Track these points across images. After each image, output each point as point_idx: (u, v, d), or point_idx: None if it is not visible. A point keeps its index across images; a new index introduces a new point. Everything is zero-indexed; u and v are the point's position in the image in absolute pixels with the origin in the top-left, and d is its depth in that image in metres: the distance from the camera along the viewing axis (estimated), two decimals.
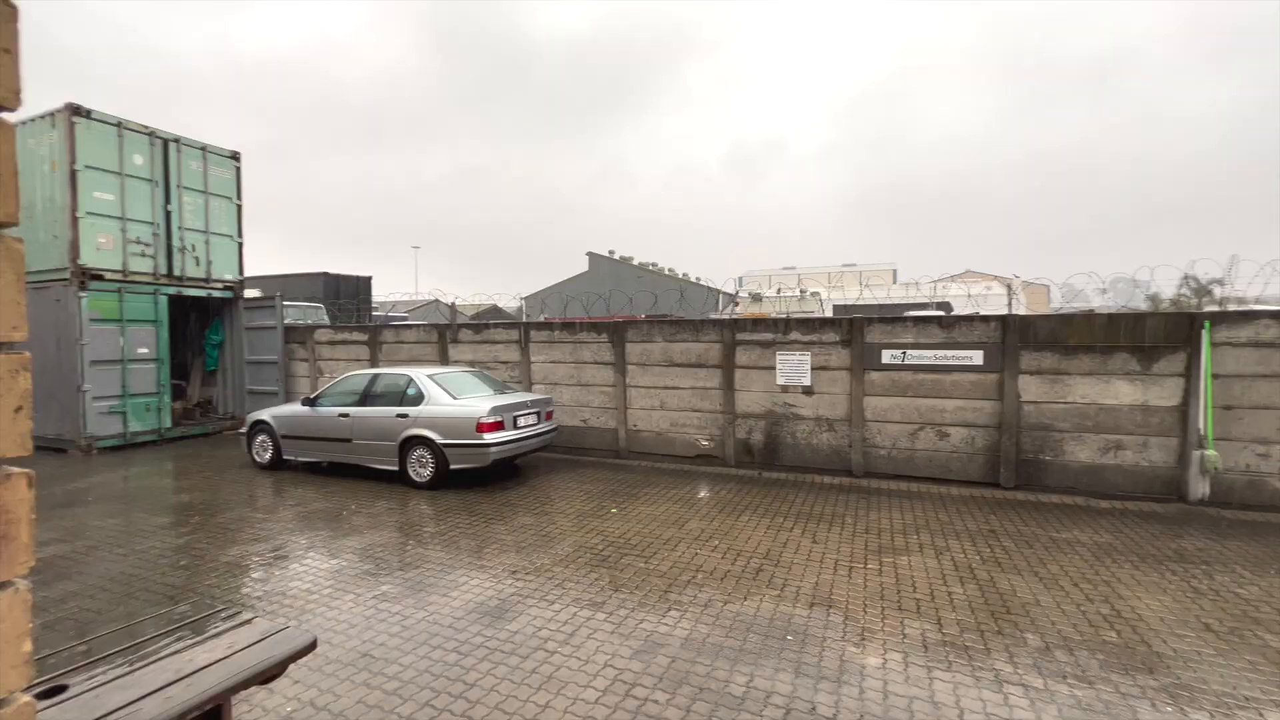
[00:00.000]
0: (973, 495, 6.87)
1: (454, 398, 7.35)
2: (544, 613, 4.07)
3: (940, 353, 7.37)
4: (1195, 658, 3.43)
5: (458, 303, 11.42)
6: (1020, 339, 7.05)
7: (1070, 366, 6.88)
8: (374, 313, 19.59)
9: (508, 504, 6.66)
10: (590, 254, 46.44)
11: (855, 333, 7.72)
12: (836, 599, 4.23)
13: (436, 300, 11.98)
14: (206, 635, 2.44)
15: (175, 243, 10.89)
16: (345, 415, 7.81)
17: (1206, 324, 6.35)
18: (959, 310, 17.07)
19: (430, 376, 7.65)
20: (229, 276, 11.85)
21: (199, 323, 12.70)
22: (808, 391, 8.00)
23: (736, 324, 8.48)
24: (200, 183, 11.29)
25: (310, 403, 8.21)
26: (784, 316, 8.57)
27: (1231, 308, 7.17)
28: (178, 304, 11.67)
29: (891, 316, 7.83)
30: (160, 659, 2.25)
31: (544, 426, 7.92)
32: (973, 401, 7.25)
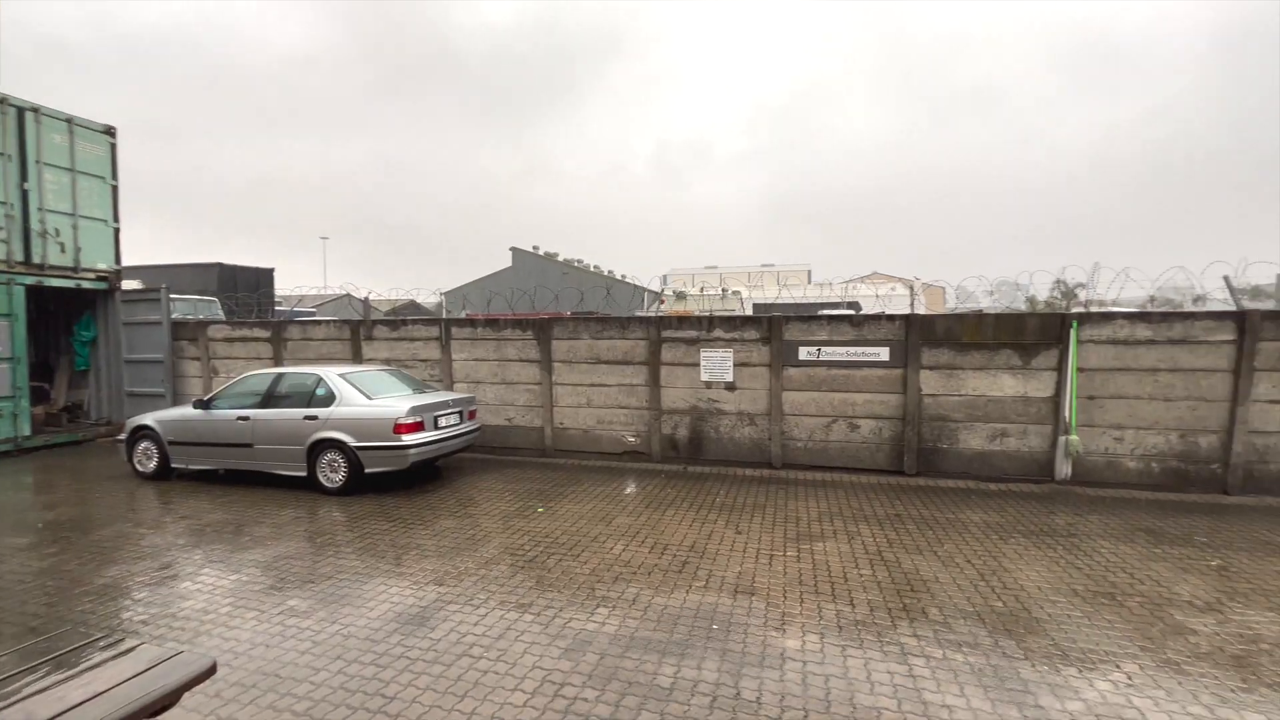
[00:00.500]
0: (880, 482, 7.36)
1: (369, 398, 6.98)
2: (469, 618, 3.96)
3: (851, 350, 7.83)
4: (1066, 620, 3.87)
5: (372, 298, 10.83)
6: (921, 337, 7.61)
7: (963, 362, 7.51)
8: (277, 307, 18.21)
9: (429, 507, 6.41)
10: (514, 249, 45.51)
11: (775, 331, 8.04)
12: (759, 586, 4.40)
13: (348, 295, 11.31)
14: (82, 667, 2.18)
15: (34, 226, 9.61)
16: (245, 418, 7.21)
17: (1074, 324, 7.14)
18: (867, 309, 18.18)
19: (342, 375, 7.22)
20: (103, 265, 10.60)
21: (67, 318, 11.28)
22: (730, 387, 8.26)
23: (662, 322, 8.60)
24: (66, 159, 10.02)
25: (204, 405, 7.52)
26: (708, 315, 8.79)
27: (1094, 309, 8.10)
28: (39, 296, 10.32)
29: (807, 315, 8.23)
30: (22, 699, 1.99)
31: (467, 426, 7.69)
32: (880, 395, 7.76)
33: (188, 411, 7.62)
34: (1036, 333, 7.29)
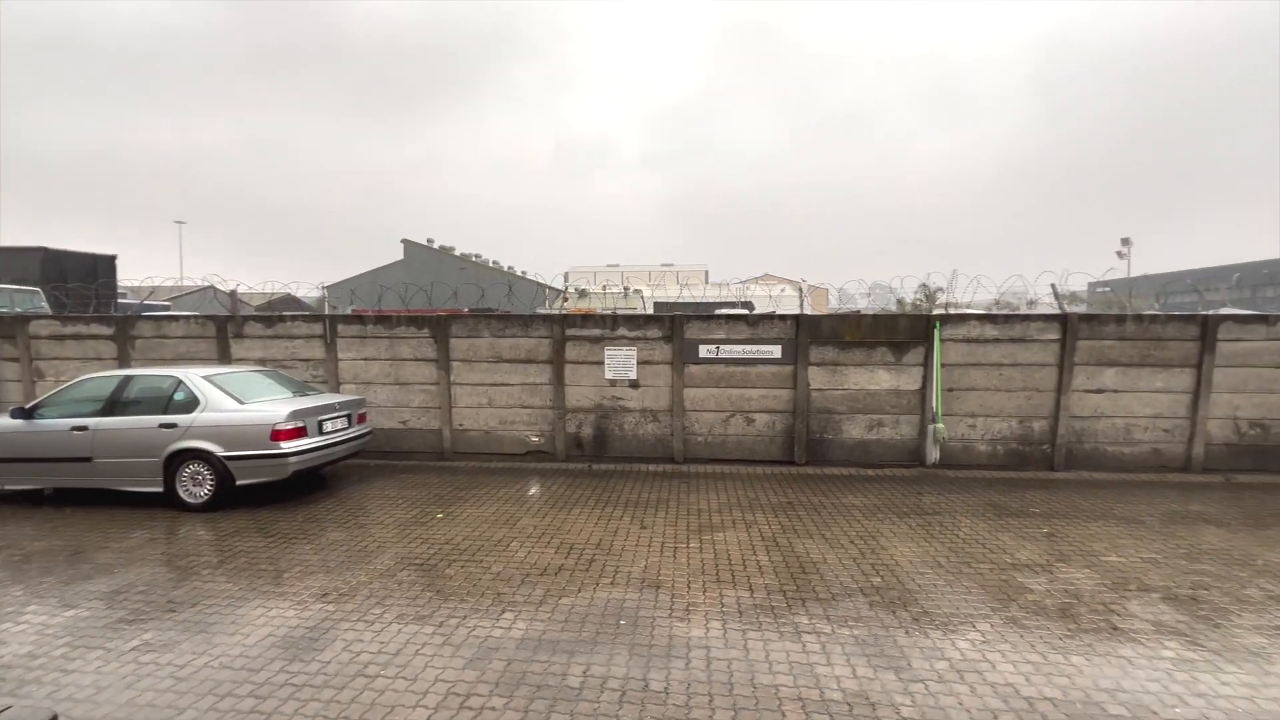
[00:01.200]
0: (774, 473, 7.81)
1: (240, 402, 6.31)
2: (363, 635, 3.72)
3: (748, 348, 8.23)
4: (932, 589, 4.34)
5: (241, 291, 9.79)
6: (809, 335, 8.17)
7: (846, 359, 8.16)
8: (121, 299, 15.91)
9: (313, 520, 5.93)
10: (406, 242, 43.07)
11: (676, 329, 8.27)
12: (664, 579, 4.52)
13: (212, 288, 10.13)
14: None
15: None
16: (83, 429, 6.25)
17: (937, 324, 7.99)
18: (761, 309, 19.18)
19: (208, 378, 6.47)
20: None
21: None
22: (634, 385, 8.38)
23: (566, 320, 8.55)
24: None
25: (25, 414, 6.42)
26: (612, 313, 8.85)
27: (953, 311, 9.12)
28: None
29: (707, 315, 8.54)
30: None
31: (356, 430, 7.19)
32: (773, 390, 8.24)
33: (4, 422, 6.48)
34: (907, 332, 8.08)
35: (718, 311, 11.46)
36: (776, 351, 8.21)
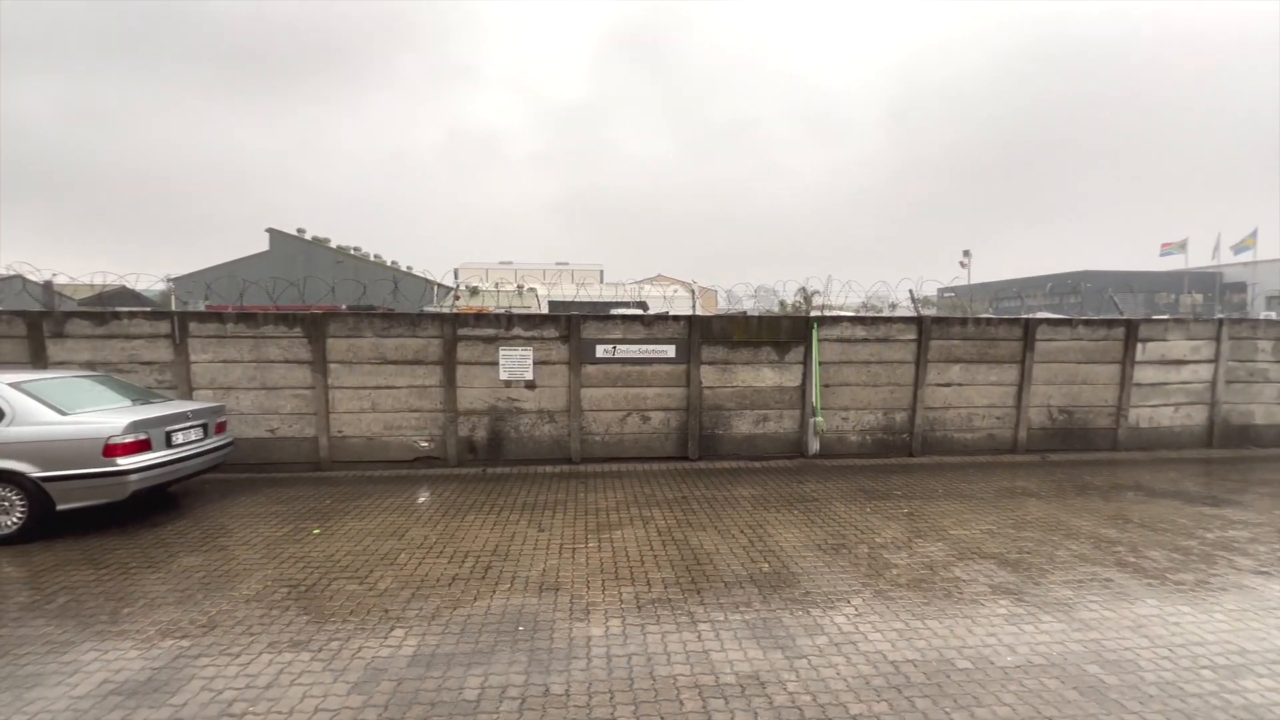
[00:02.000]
0: (669, 469, 8.04)
1: (63, 413, 5.40)
2: (226, 670, 3.34)
3: (643, 347, 8.40)
4: (813, 571, 4.70)
5: (59, 282, 8.35)
6: (702, 335, 8.50)
7: (735, 358, 8.59)
8: None
9: (161, 544, 5.22)
10: (272, 231, 39.03)
11: (573, 329, 8.24)
12: (563, 581, 4.50)
13: (19, 278, 8.55)
14: None
15: None
16: None
17: (815, 325, 8.65)
18: (655, 309, 19.60)
19: (17, 385, 5.47)
20: None
21: None
22: (530, 386, 8.24)
23: (458, 319, 8.21)
24: None
25: None
26: (506, 312, 8.63)
27: (829, 313, 9.91)
28: None
29: (604, 315, 8.60)
30: None
31: (214, 441, 6.43)
32: (668, 389, 8.47)
33: None
34: (789, 332, 8.66)
35: (614, 311, 11.56)
36: (671, 351, 8.45)
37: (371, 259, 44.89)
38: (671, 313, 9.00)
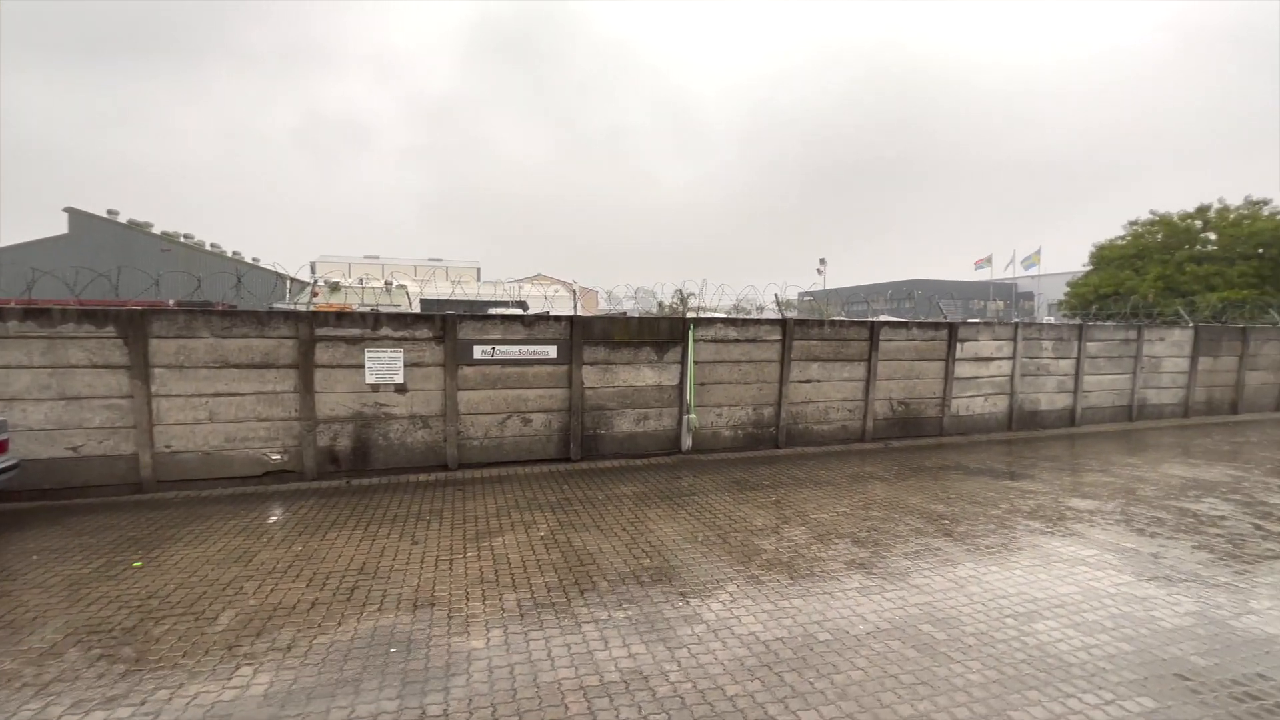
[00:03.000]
0: (551, 471, 7.97)
1: None
2: None
3: (524, 348, 8.23)
4: (691, 563, 4.91)
5: None
6: (583, 336, 8.51)
7: (616, 358, 8.71)
8: None
9: None
10: (73, 212, 32.78)
11: (449, 329, 7.86)
12: (439, 595, 4.28)
13: None
14: None
15: None
16: None
17: (692, 326, 9.02)
18: (535, 309, 19.27)
19: None
20: None
21: None
22: (401, 389, 7.73)
23: (316, 317, 7.48)
24: None
25: None
26: (373, 311, 8.02)
27: (703, 315, 10.38)
28: None
29: (482, 315, 8.30)
30: None
31: None
32: (549, 390, 8.38)
33: None
34: (667, 333, 8.95)
35: (492, 311, 11.20)
36: (552, 352, 8.37)
37: (208, 249, 39.36)
38: (553, 313, 8.91)
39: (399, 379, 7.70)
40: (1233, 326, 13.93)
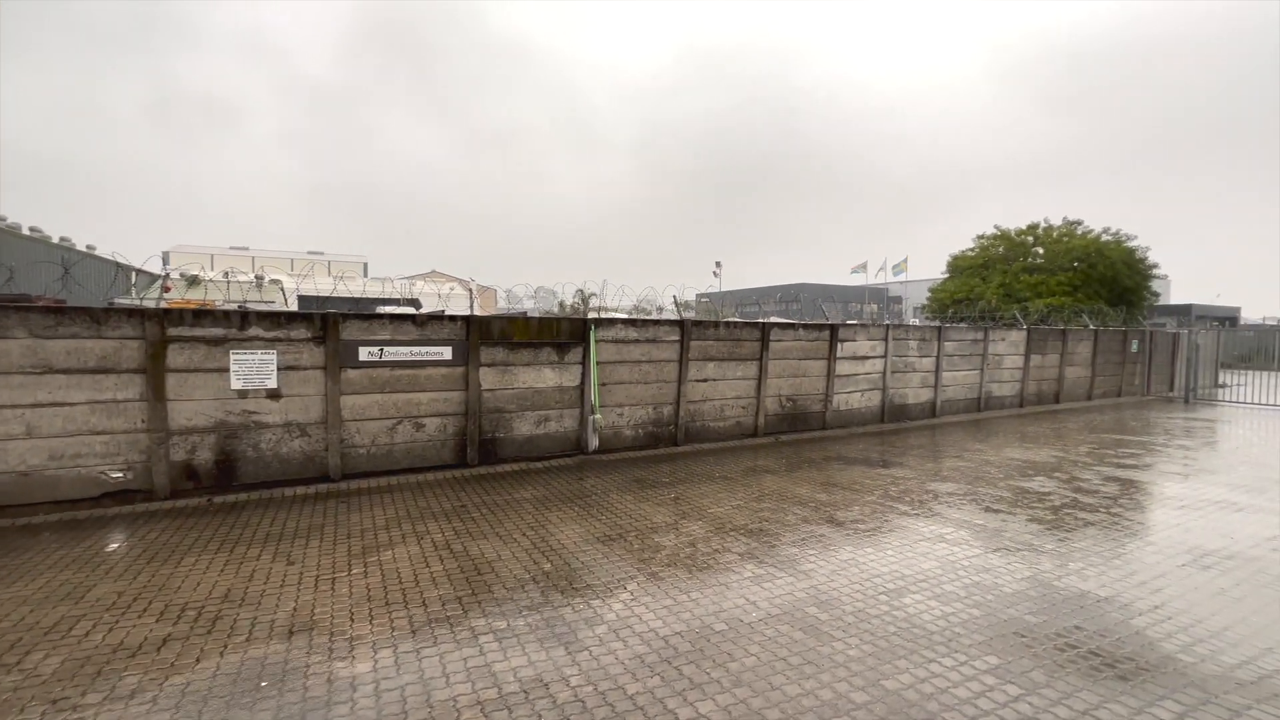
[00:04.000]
0: (447, 478, 7.63)
1: None
2: None
3: (416, 349, 7.81)
4: (593, 564, 4.91)
5: None
6: (481, 336, 8.23)
7: (515, 359, 8.51)
8: None
9: None
10: None
11: (331, 329, 7.28)
12: (320, 618, 3.95)
13: None
14: None
15: None
16: None
17: (593, 326, 9.02)
18: (429, 307, 18.38)
19: None
20: None
21: None
22: (274, 395, 7.04)
23: (169, 315, 6.62)
24: None
25: None
26: (240, 308, 7.23)
27: (604, 315, 10.42)
28: None
29: (369, 314, 7.76)
30: None
31: None
32: (444, 393, 8.02)
33: None
34: (568, 333, 8.88)
35: (381, 309, 10.52)
36: (447, 353, 8.01)
37: (26, 233, 33.46)
38: (448, 312, 8.53)
39: (271, 384, 7.01)
40: (1055, 329, 16.26)
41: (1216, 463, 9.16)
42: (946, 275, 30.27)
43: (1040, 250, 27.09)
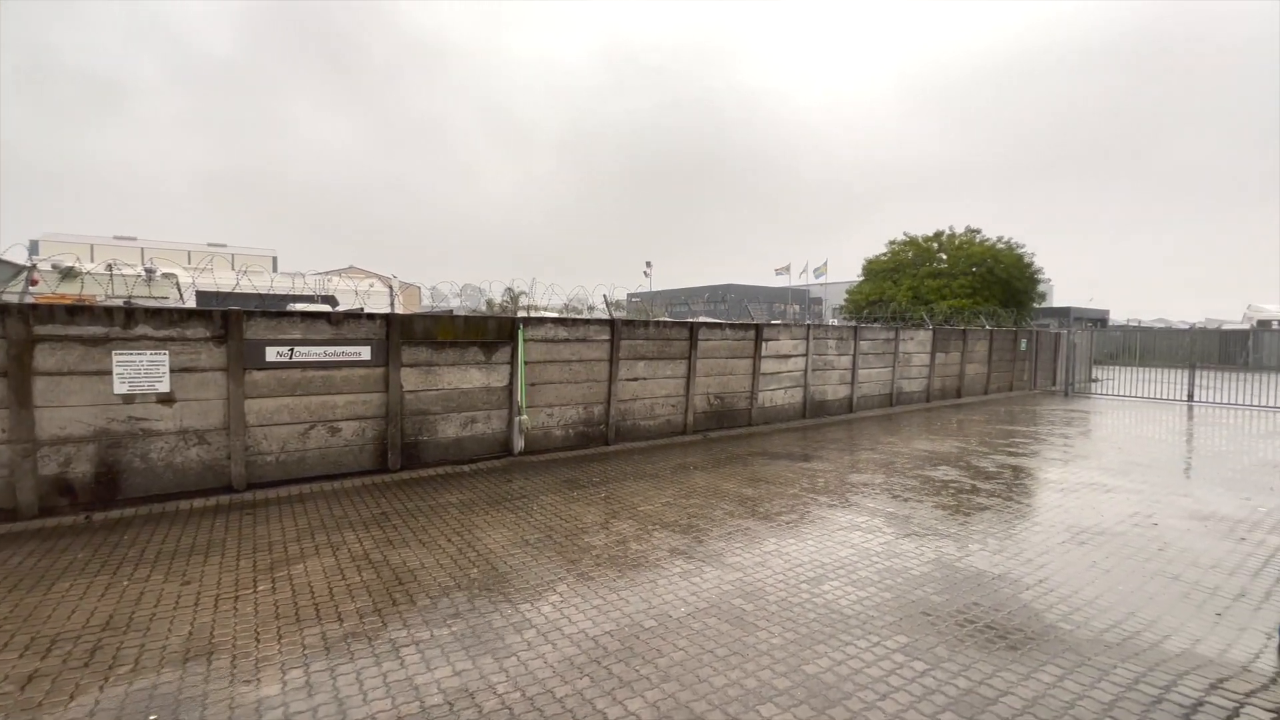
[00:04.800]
0: (366, 484, 7.26)
1: None
2: None
3: (331, 349, 7.37)
4: (521, 567, 4.82)
5: None
6: (402, 335, 7.88)
7: (440, 359, 8.22)
8: None
9: None
10: None
11: (233, 327, 6.74)
12: (220, 640, 3.65)
13: None
14: None
15: None
16: None
17: (521, 325, 8.86)
18: (346, 305, 17.41)
19: None
20: None
21: None
22: (167, 400, 6.44)
23: (35, 311, 5.89)
24: None
25: None
26: (126, 304, 6.55)
27: (533, 314, 10.27)
28: None
29: (277, 311, 7.25)
30: None
31: None
32: (362, 395, 7.62)
33: None
34: (495, 332, 8.68)
35: (292, 307, 9.88)
36: (366, 353, 7.62)
37: None
38: (367, 310, 8.10)
39: (163, 387, 6.40)
40: (957, 329, 17.60)
41: (1089, 449, 10.23)
42: (862, 278, 32.05)
43: (944, 256, 29.22)
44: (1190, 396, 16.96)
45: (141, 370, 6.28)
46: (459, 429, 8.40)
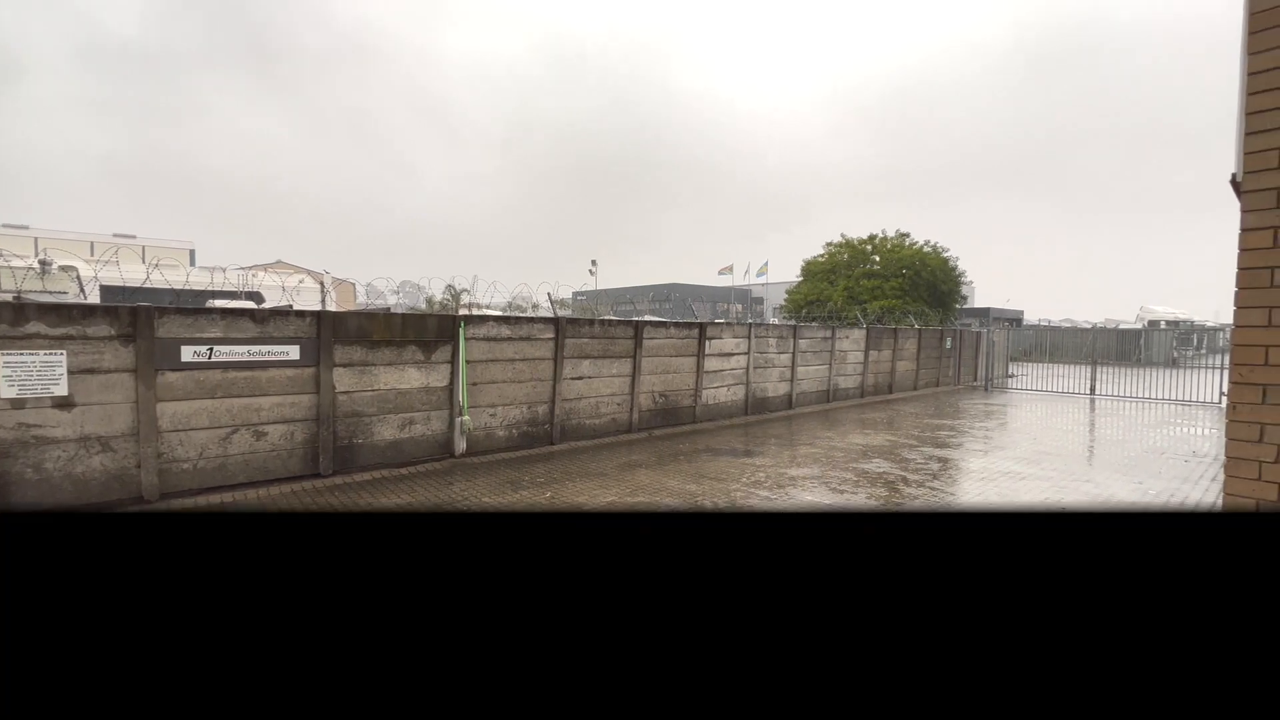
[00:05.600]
0: (295, 490, 6.90)
1: None
2: None
3: (255, 348, 6.96)
4: None
5: None
6: (334, 334, 7.54)
7: (375, 358, 7.91)
8: None
9: None
10: None
11: (142, 325, 6.25)
12: None
13: None
14: None
15: None
16: None
17: (462, 324, 8.65)
18: (273, 302, 16.46)
19: None
20: None
21: None
22: (64, 404, 5.90)
23: None
24: None
25: None
26: (16, 298, 5.96)
27: (475, 312, 10.04)
28: None
29: (194, 308, 6.78)
30: None
31: None
32: (291, 396, 7.24)
33: None
34: (435, 331, 8.44)
35: (212, 303, 9.26)
36: (294, 352, 7.24)
37: None
38: (296, 307, 7.70)
39: (60, 390, 5.87)
40: (889, 328, 18.49)
41: (1006, 440, 10.99)
42: (801, 279, 33.13)
43: (878, 258, 30.62)
44: (1093, 390, 18.51)
45: (33, 372, 5.73)
46: (397, 431, 8.12)
